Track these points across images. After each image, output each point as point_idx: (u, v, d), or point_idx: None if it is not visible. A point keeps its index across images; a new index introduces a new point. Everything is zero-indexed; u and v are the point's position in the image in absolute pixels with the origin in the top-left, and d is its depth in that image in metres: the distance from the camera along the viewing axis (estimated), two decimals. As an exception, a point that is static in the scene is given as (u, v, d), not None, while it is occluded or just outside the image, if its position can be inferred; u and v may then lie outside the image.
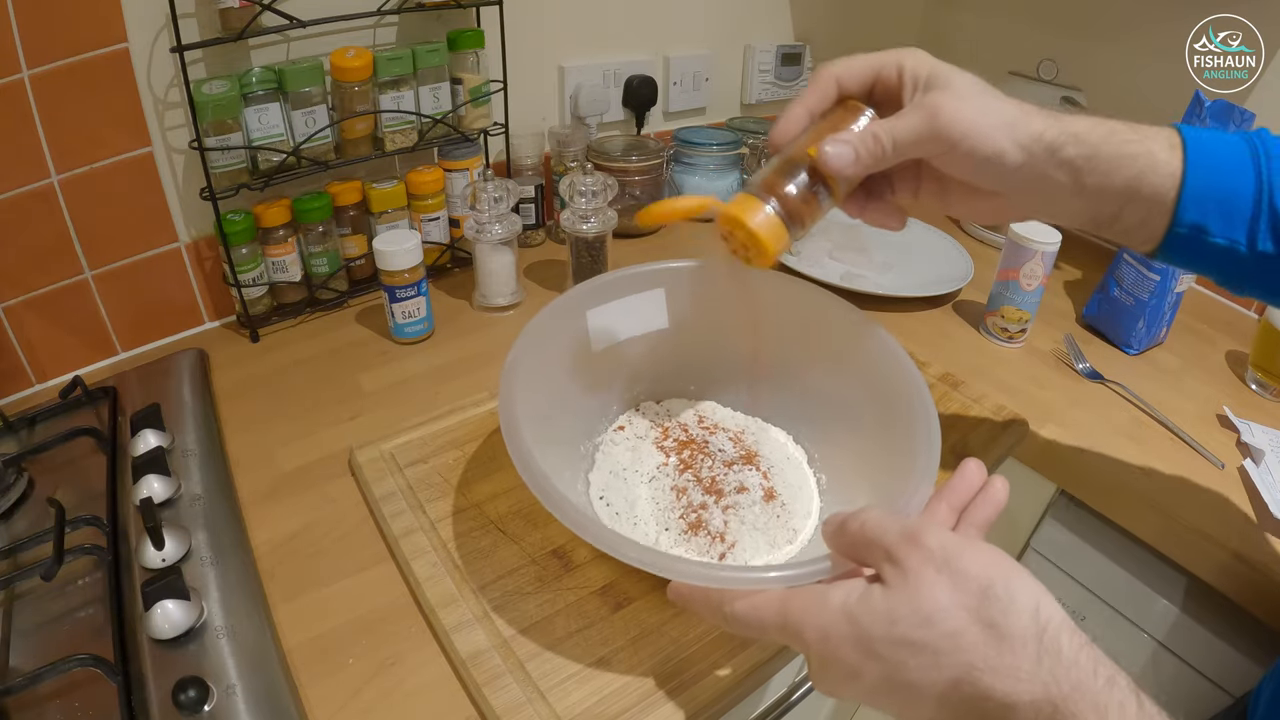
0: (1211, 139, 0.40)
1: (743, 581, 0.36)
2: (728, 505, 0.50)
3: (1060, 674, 0.27)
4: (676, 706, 0.41)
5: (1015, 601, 0.28)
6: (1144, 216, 0.40)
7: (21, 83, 0.57)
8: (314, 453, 0.59)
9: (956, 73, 0.41)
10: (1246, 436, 0.65)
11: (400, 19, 0.75)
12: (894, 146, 0.41)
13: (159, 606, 0.43)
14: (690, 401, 0.60)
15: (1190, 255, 0.41)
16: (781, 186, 0.43)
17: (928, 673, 0.29)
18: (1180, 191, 0.39)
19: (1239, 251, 0.39)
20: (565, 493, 0.41)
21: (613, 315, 0.55)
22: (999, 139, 0.39)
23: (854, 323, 0.53)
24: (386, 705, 0.42)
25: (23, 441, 0.59)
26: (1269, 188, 0.38)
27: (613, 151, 0.92)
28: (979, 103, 0.40)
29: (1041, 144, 0.39)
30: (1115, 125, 0.40)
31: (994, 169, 0.40)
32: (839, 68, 0.43)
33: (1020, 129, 0.39)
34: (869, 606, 0.30)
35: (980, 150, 0.39)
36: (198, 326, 0.74)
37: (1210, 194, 0.39)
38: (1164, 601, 0.63)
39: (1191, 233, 0.40)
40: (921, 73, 0.41)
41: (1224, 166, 0.39)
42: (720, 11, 1.04)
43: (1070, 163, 0.40)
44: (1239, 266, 0.40)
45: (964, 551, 0.30)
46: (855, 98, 0.43)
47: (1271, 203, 0.38)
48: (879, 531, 0.32)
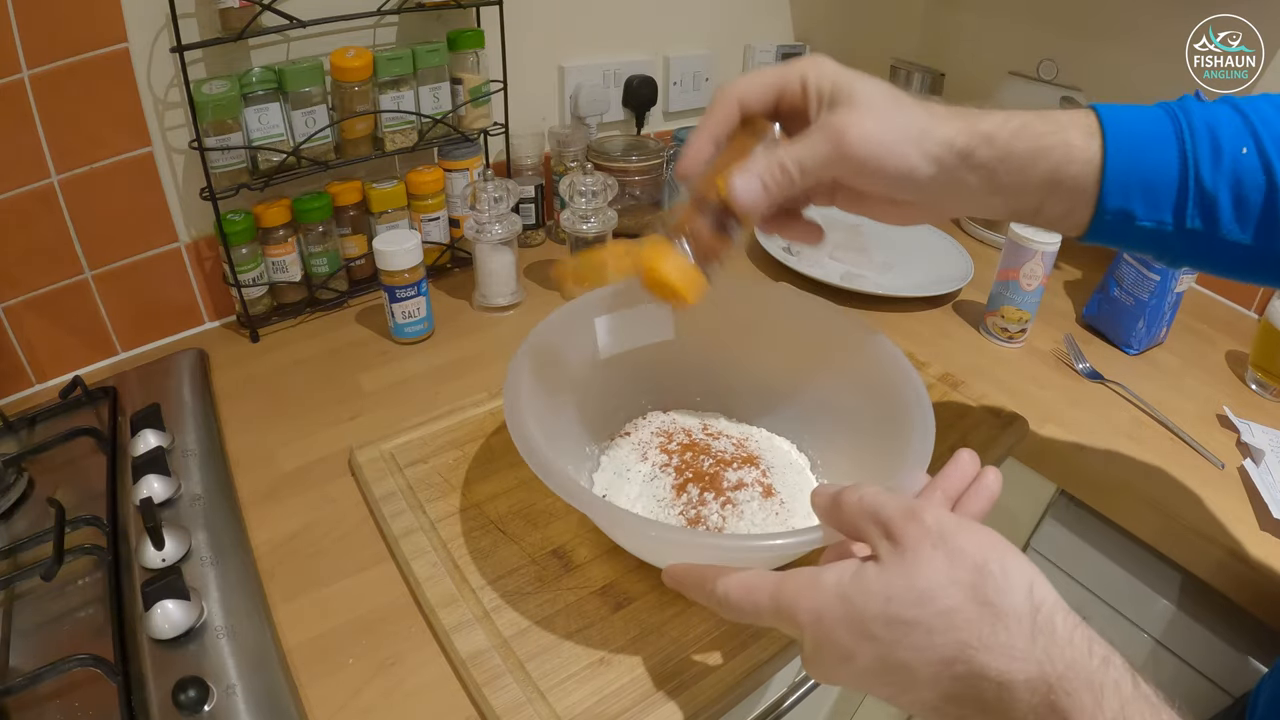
0: (1131, 117, 0.39)
1: (732, 549, 0.36)
2: (726, 501, 0.50)
3: (1055, 653, 0.27)
4: (676, 706, 0.41)
5: (1010, 580, 0.28)
6: (1067, 207, 0.40)
7: (21, 83, 0.57)
8: (314, 453, 0.59)
9: (860, 82, 0.39)
10: (1246, 436, 0.65)
11: (400, 19, 0.75)
12: (801, 174, 0.40)
13: (159, 606, 0.43)
14: (696, 412, 0.61)
15: (1119, 238, 0.40)
16: (693, 225, 0.42)
17: (922, 652, 0.28)
18: (1101, 178, 0.38)
19: (1167, 232, 0.39)
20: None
21: (620, 324, 0.56)
22: (908, 154, 0.38)
23: (855, 330, 0.54)
24: (386, 705, 0.42)
25: (23, 441, 0.59)
26: (1194, 162, 0.37)
27: (613, 151, 0.92)
28: (885, 117, 0.39)
29: (952, 151, 0.39)
30: (1028, 118, 0.39)
31: (905, 183, 0.39)
32: (740, 87, 0.42)
33: (929, 140, 0.38)
34: (863, 586, 0.30)
35: (889, 169, 0.39)
36: (198, 326, 0.74)
37: (1133, 177, 0.38)
38: (1163, 601, 0.63)
39: (1117, 218, 0.39)
40: (825, 87, 0.40)
41: (1145, 146, 0.38)
42: (720, 11, 1.04)
43: (983, 166, 0.39)
44: (1170, 245, 0.40)
45: (960, 530, 0.30)
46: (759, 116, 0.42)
47: (1199, 178, 0.37)
48: (877, 505, 0.32)
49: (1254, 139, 0.37)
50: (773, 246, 0.89)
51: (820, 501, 0.35)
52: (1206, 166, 0.37)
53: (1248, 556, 0.55)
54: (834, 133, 0.38)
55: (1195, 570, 0.59)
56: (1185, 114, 0.38)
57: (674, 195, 1.00)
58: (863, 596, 0.30)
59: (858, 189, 0.42)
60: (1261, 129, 0.37)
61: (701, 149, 0.42)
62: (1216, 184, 0.37)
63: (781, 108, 0.42)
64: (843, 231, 0.91)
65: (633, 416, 0.60)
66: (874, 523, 0.32)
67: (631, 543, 0.47)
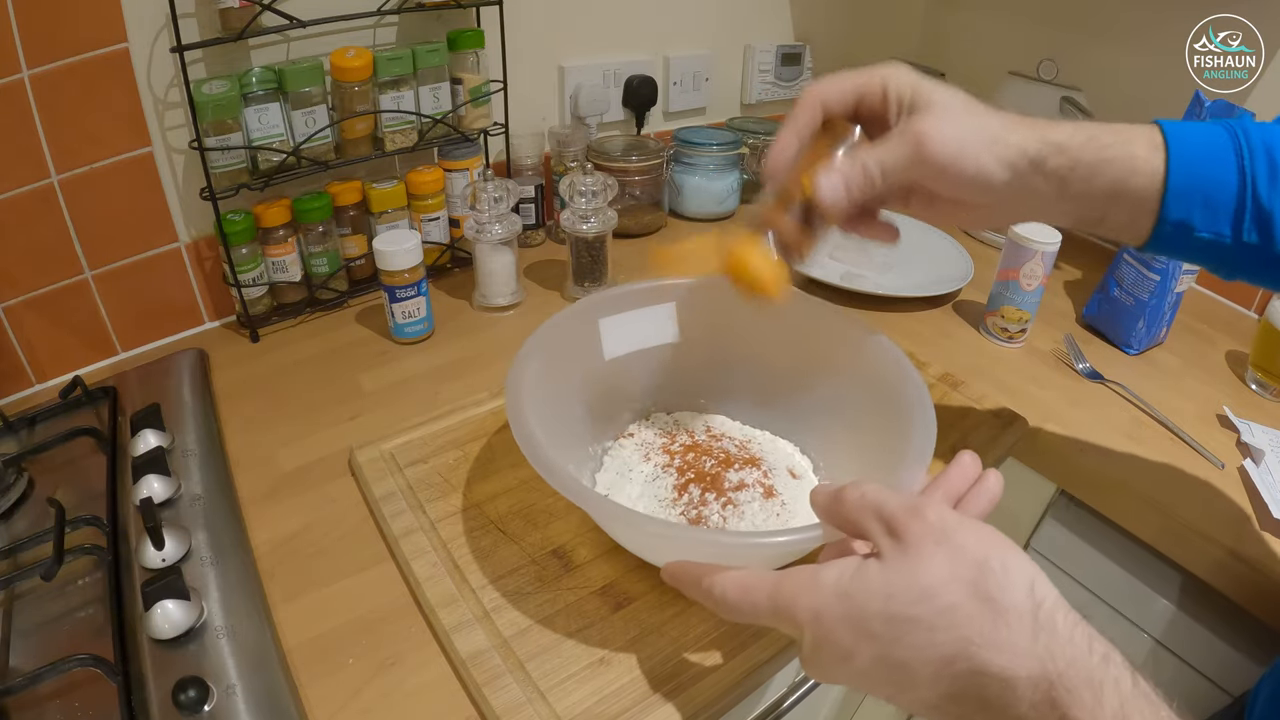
0: (1193, 134, 0.40)
1: (731, 546, 0.36)
2: (727, 501, 0.50)
3: (1056, 650, 0.27)
4: (676, 706, 0.41)
5: (1011, 577, 0.28)
6: (1130, 216, 0.41)
7: (21, 83, 0.57)
8: (314, 453, 0.59)
9: (939, 90, 0.41)
10: (1246, 436, 0.65)
11: (400, 19, 0.75)
12: (883, 176, 0.41)
13: (159, 606, 0.43)
14: (700, 414, 0.61)
15: (1178, 248, 0.42)
16: (779, 222, 0.44)
17: (923, 650, 0.28)
18: (1164, 190, 0.39)
19: (1224, 244, 0.40)
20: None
21: (624, 325, 0.56)
22: (984, 160, 0.40)
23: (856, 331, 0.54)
24: (386, 705, 0.42)
25: (23, 441, 0.59)
26: (1251, 180, 0.39)
27: (613, 151, 0.92)
28: (963, 123, 0.40)
29: (1025, 158, 0.40)
30: (1095, 130, 0.40)
31: (980, 187, 0.41)
32: (823, 89, 0.44)
33: (1003, 146, 0.40)
34: (863, 583, 0.30)
35: (966, 173, 0.40)
36: (198, 326, 0.74)
37: (1194, 191, 0.39)
38: (1163, 601, 0.63)
39: (1177, 229, 0.40)
40: (905, 93, 0.41)
41: (1206, 162, 0.39)
42: (720, 11, 1.04)
43: (1054, 173, 0.40)
44: (1226, 257, 0.41)
45: (962, 527, 0.30)
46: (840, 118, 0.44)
47: (1255, 195, 0.39)
48: (880, 501, 0.32)
49: None
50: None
51: (821, 499, 0.35)
52: (1264, 183, 0.39)
53: (1247, 556, 0.55)
54: (914, 137, 0.40)
55: (1195, 570, 0.59)
56: (1244, 133, 0.40)
57: (675, 195, 1.01)
58: (863, 594, 0.30)
59: (933, 192, 0.43)
60: None
61: (787, 147, 0.44)
62: (1273, 200, 0.39)
63: (861, 111, 0.44)
64: (843, 231, 0.91)
65: (636, 418, 0.60)
66: (876, 518, 0.32)
67: (631, 540, 0.47)
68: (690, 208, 1.01)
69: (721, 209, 1.02)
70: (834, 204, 0.42)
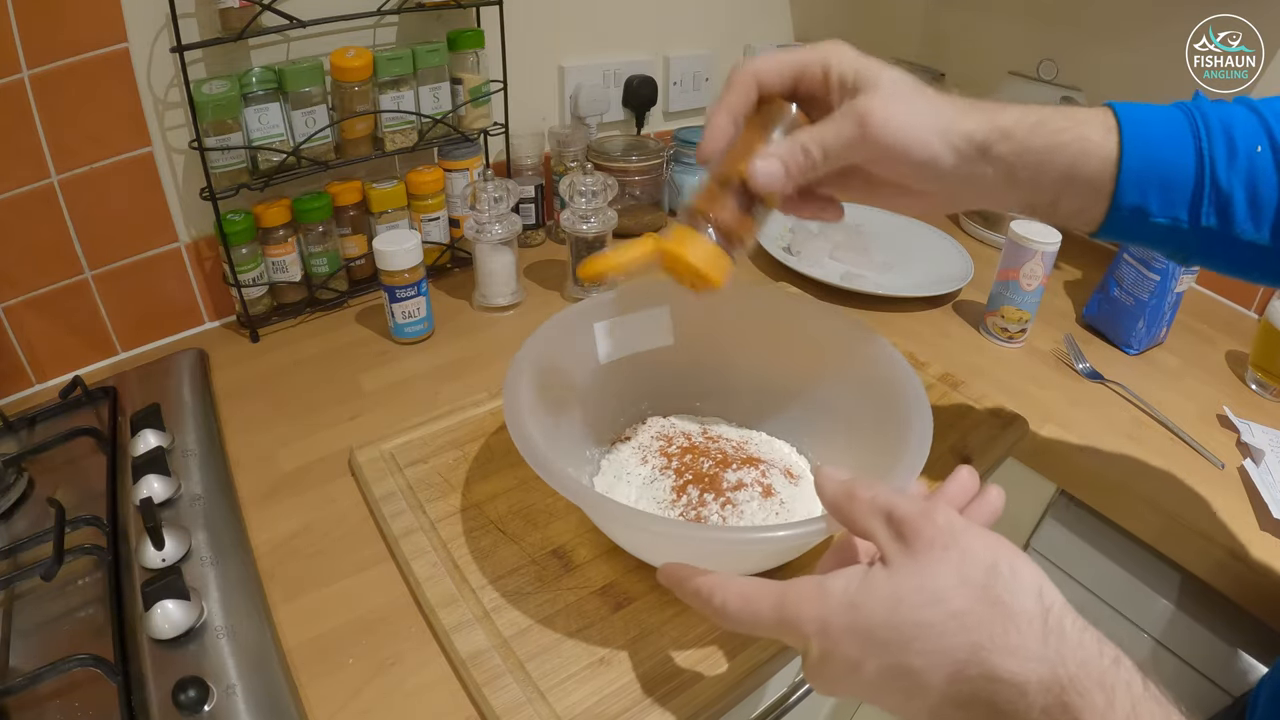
0: (1148, 116, 0.39)
1: (731, 542, 0.36)
2: (726, 501, 0.50)
3: (1066, 654, 0.26)
4: (676, 706, 0.41)
5: (1020, 581, 0.28)
6: (1083, 203, 0.40)
7: (21, 83, 0.57)
8: (314, 453, 0.59)
9: (883, 71, 0.39)
10: (1246, 436, 0.65)
11: (400, 19, 0.75)
12: (824, 158, 0.40)
13: (159, 606, 0.43)
14: (696, 416, 0.61)
15: (1132, 234, 0.40)
16: (716, 210, 0.42)
17: (933, 656, 0.28)
18: (1117, 175, 0.38)
19: (1182, 228, 0.39)
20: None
21: (619, 329, 0.56)
22: (931, 143, 0.38)
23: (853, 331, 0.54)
24: (386, 705, 0.42)
25: (23, 441, 0.59)
26: (1210, 161, 0.37)
27: (613, 151, 0.92)
28: (909, 105, 0.39)
29: (972, 144, 0.39)
30: (1046, 114, 0.39)
31: (925, 172, 0.39)
32: (759, 67, 0.41)
33: (951, 130, 0.39)
34: (871, 591, 0.29)
35: (912, 156, 0.39)
36: (198, 326, 0.74)
37: (1149, 174, 0.38)
38: (1163, 601, 0.63)
39: (1132, 215, 0.39)
40: (848, 73, 0.40)
41: (1162, 144, 0.38)
42: (720, 11, 1.04)
43: (1001, 159, 0.39)
44: (1183, 242, 0.40)
45: (968, 531, 0.30)
46: (777, 97, 0.42)
47: (1214, 176, 0.37)
48: (890, 504, 0.31)
49: (1269, 137, 0.37)
50: (773, 247, 0.89)
51: (830, 490, 0.34)
52: (1222, 164, 0.37)
53: (1248, 556, 0.55)
54: (858, 117, 0.38)
55: (1195, 570, 0.58)
56: (1201, 112, 0.39)
57: (675, 195, 1.01)
58: (871, 602, 0.29)
59: (873, 175, 0.42)
60: (1277, 127, 0.37)
61: (722, 129, 0.42)
62: (1231, 182, 0.37)
63: (799, 91, 0.42)
64: (843, 231, 0.91)
65: (633, 421, 0.60)
66: (886, 521, 0.31)
67: (630, 539, 0.47)
68: (690, 208, 1.01)
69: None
70: (771, 187, 0.40)
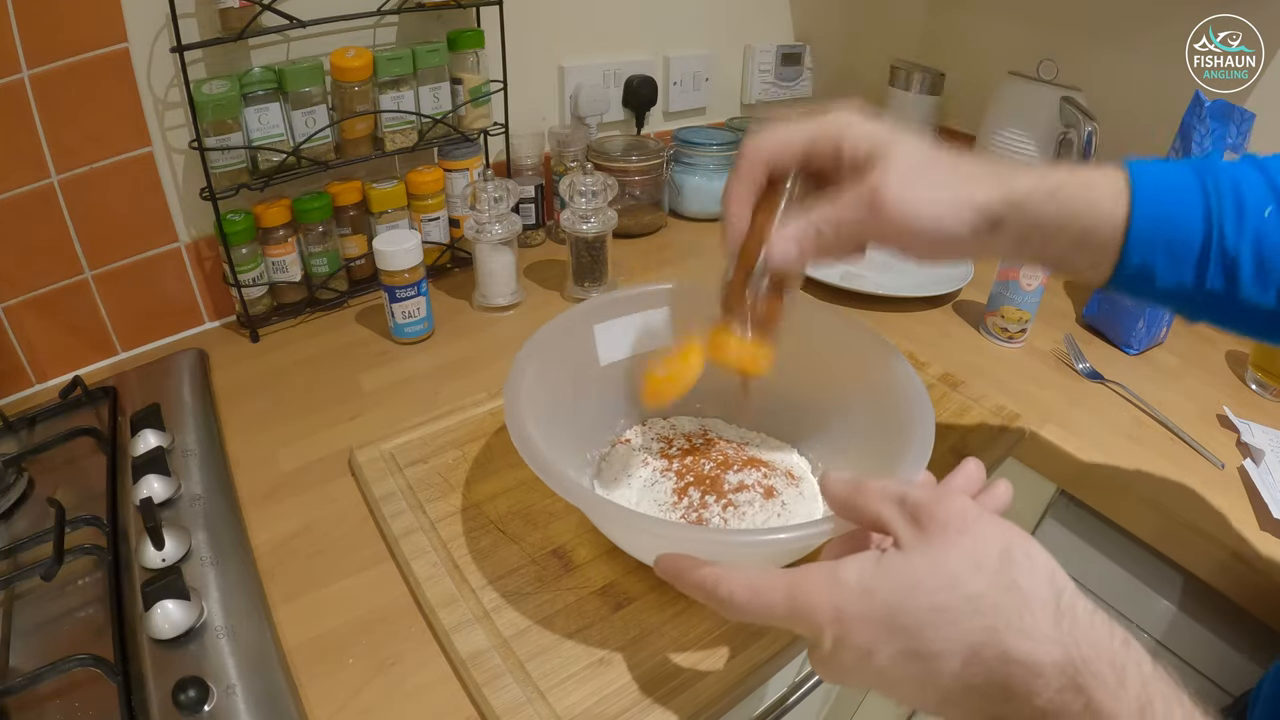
0: (1160, 178, 0.39)
1: (734, 545, 0.36)
2: (727, 503, 0.50)
3: (1079, 636, 0.27)
4: (676, 706, 0.41)
5: (1034, 565, 0.28)
6: (1091, 261, 0.40)
7: (21, 83, 0.57)
8: (314, 453, 0.59)
9: (899, 143, 0.39)
10: (1246, 436, 0.65)
11: (400, 19, 0.75)
12: (837, 237, 0.40)
13: (159, 606, 0.43)
14: (696, 418, 0.61)
15: (1138, 292, 0.41)
16: (748, 302, 0.43)
17: (950, 640, 0.28)
18: (1125, 238, 0.39)
19: (1187, 290, 0.39)
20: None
21: (619, 331, 0.56)
22: (942, 220, 0.38)
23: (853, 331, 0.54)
24: (386, 705, 0.42)
25: (23, 441, 0.59)
26: (1219, 225, 0.38)
27: (613, 151, 0.92)
28: (922, 182, 0.39)
29: (985, 218, 0.39)
30: (1060, 180, 0.39)
31: (937, 248, 0.40)
32: (767, 148, 0.42)
33: (965, 207, 0.39)
34: (886, 576, 0.29)
35: (924, 235, 0.39)
36: (198, 326, 0.74)
37: (1157, 237, 0.38)
38: (1164, 601, 0.63)
39: (1138, 273, 0.40)
40: (861, 149, 0.40)
41: (1172, 208, 0.38)
42: (720, 11, 1.04)
43: (1014, 231, 0.39)
44: (1189, 301, 0.40)
45: (982, 516, 0.30)
46: (785, 173, 0.43)
47: (1221, 240, 0.38)
48: (901, 491, 0.32)
49: (1276, 200, 0.38)
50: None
51: (838, 490, 0.34)
52: (1230, 227, 0.38)
53: (1248, 556, 0.55)
54: (871, 197, 0.39)
55: (1195, 570, 0.58)
56: (1212, 173, 0.39)
57: (675, 195, 1.01)
58: (887, 587, 0.29)
59: (887, 245, 0.42)
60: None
61: (741, 217, 0.43)
62: (1239, 245, 0.38)
63: (811, 162, 0.42)
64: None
65: (633, 423, 0.60)
66: (899, 506, 0.32)
67: (633, 542, 0.47)
68: (690, 208, 1.01)
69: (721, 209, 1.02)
70: (789, 269, 0.42)
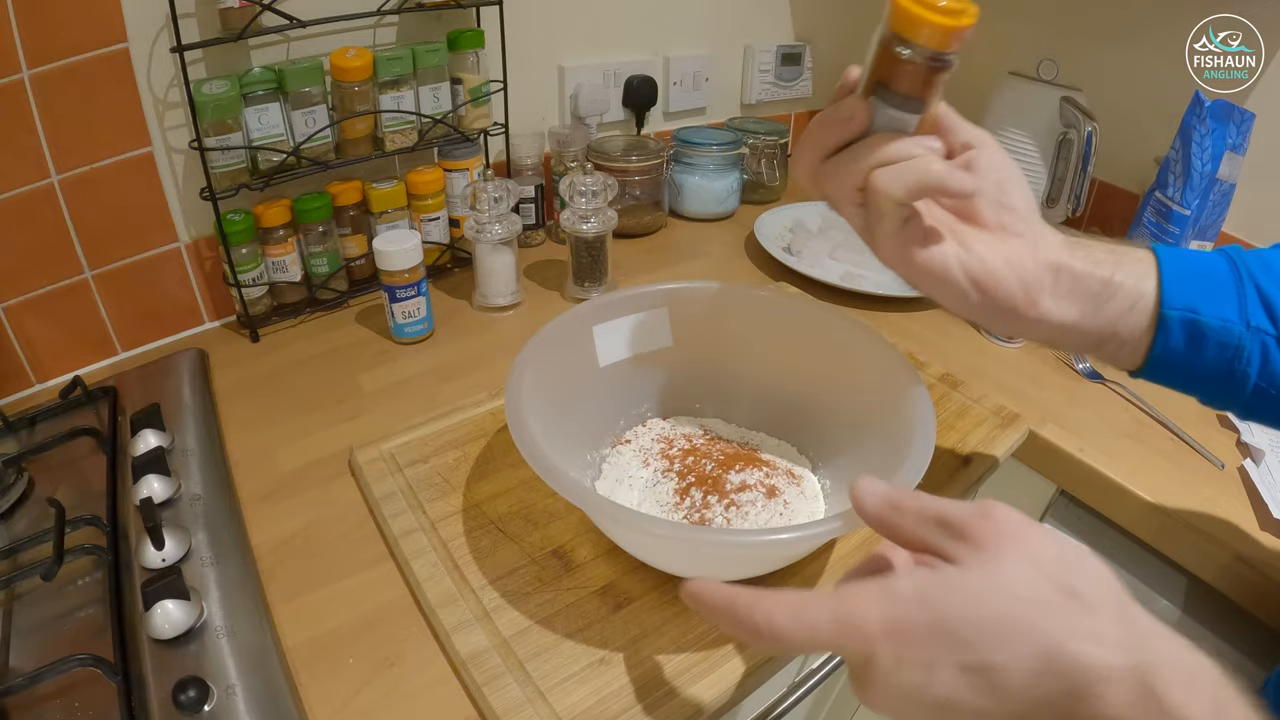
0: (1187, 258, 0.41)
1: (736, 544, 0.36)
2: (730, 503, 0.50)
3: (1144, 639, 0.26)
4: (676, 707, 0.41)
5: (1088, 570, 0.28)
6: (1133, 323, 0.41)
7: (21, 83, 0.57)
8: (314, 453, 0.59)
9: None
10: (1246, 436, 0.65)
11: (400, 19, 0.75)
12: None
13: (159, 606, 0.43)
14: (696, 418, 0.61)
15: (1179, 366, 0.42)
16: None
17: (1018, 651, 0.26)
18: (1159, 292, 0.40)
19: (1232, 330, 0.40)
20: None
21: (618, 332, 0.56)
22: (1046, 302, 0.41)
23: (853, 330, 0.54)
24: (386, 705, 0.42)
25: (23, 441, 0.59)
26: (1248, 274, 0.40)
27: (613, 151, 0.92)
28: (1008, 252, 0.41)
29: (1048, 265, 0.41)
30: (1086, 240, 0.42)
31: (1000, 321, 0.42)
32: None
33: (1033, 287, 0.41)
34: (947, 589, 0.28)
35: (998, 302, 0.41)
36: (198, 326, 0.74)
37: (1190, 280, 0.40)
38: (1164, 602, 0.63)
39: (1184, 313, 0.40)
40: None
41: (1200, 267, 0.40)
42: (720, 11, 1.04)
43: (1066, 282, 0.41)
44: (1235, 358, 0.41)
45: (1025, 522, 0.29)
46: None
47: (1254, 282, 0.40)
48: (941, 510, 0.30)
49: None
50: (773, 247, 0.89)
51: (873, 506, 0.33)
52: (1260, 275, 0.40)
53: (1248, 557, 0.55)
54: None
55: (1195, 570, 0.58)
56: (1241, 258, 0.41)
57: (675, 195, 1.00)
58: (948, 599, 0.28)
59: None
60: None
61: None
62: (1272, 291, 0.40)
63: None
64: (843, 231, 0.91)
65: (633, 424, 0.60)
66: (941, 527, 0.30)
67: (638, 544, 0.47)
68: (690, 208, 1.01)
69: (721, 209, 1.02)
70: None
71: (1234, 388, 0.41)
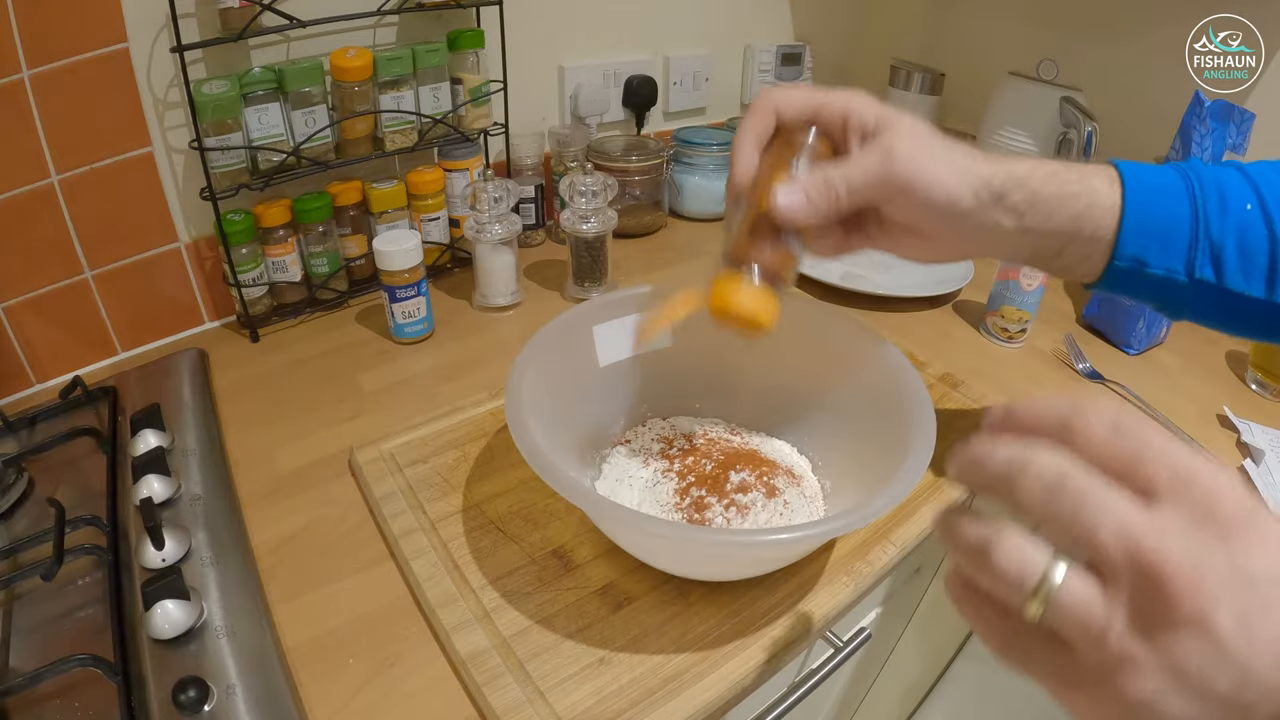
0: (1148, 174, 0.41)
1: (737, 544, 0.37)
2: (730, 503, 0.50)
3: None
4: (676, 706, 0.41)
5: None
6: (1085, 252, 0.42)
7: (21, 83, 0.57)
8: (314, 453, 0.59)
9: (903, 116, 0.41)
10: (1246, 436, 0.65)
11: (400, 19, 0.75)
12: (848, 192, 0.40)
13: (159, 606, 0.43)
14: (696, 418, 0.61)
15: (1128, 287, 0.43)
16: (755, 251, 0.41)
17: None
18: (1120, 225, 0.41)
19: (1178, 281, 0.41)
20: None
21: (618, 332, 0.56)
22: (951, 184, 0.40)
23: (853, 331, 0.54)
24: (386, 705, 0.42)
25: (23, 441, 0.59)
26: (1204, 214, 0.40)
27: (613, 151, 0.92)
28: (931, 146, 0.40)
29: (989, 190, 0.40)
30: (1056, 167, 0.41)
31: (944, 214, 0.41)
32: (779, 97, 0.43)
33: (970, 174, 0.40)
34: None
35: (934, 195, 0.40)
36: (198, 326, 0.74)
37: (1149, 226, 0.41)
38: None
39: (1132, 265, 0.41)
40: (869, 119, 0.41)
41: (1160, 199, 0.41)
42: (720, 11, 1.04)
43: (1015, 207, 0.41)
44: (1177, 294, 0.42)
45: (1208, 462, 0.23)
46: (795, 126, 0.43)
47: (1207, 231, 0.40)
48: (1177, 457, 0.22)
49: (1257, 196, 0.40)
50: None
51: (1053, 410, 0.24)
52: (1215, 218, 0.40)
53: (1248, 556, 0.55)
54: (883, 155, 0.40)
55: (1195, 570, 0.58)
56: (1194, 172, 0.41)
57: (675, 195, 1.01)
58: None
59: (888, 219, 0.43)
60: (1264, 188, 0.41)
61: (749, 156, 0.43)
62: (1224, 235, 0.40)
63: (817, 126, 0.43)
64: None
65: (633, 424, 0.60)
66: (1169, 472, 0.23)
67: (633, 542, 0.47)
68: (690, 208, 1.01)
69: (721, 209, 1.02)
70: (795, 218, 0.41)
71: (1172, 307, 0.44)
